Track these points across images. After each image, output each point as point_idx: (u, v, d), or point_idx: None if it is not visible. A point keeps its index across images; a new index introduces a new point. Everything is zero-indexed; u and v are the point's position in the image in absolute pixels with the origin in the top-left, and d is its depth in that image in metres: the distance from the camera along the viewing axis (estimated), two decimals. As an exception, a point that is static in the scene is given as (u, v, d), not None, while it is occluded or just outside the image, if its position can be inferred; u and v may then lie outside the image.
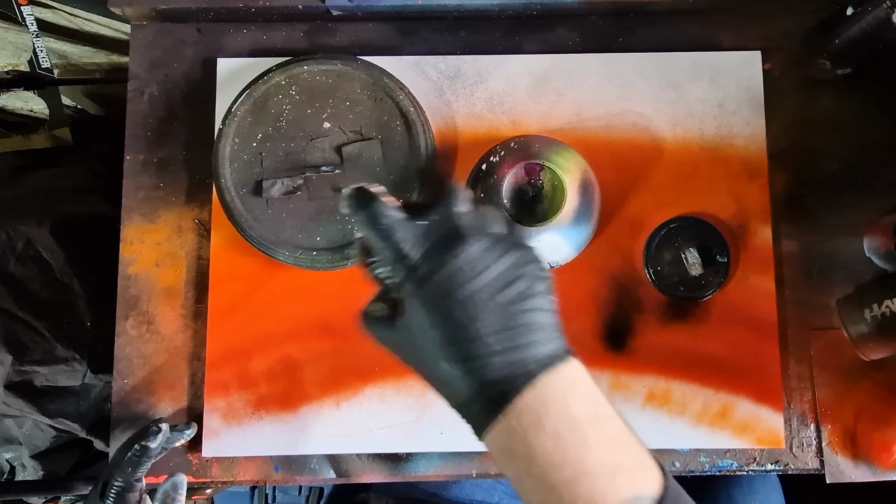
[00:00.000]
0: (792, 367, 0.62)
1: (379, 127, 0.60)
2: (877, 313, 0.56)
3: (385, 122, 0.60)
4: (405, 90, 0.61)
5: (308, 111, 0.61)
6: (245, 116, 0.60)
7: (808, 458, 0.62)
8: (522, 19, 0.66)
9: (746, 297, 0.62)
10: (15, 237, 0.73)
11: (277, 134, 0.61)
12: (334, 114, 0.61)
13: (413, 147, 0.60)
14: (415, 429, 0.61)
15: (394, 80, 0.61)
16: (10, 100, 0.90)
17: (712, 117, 0.64)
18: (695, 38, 0.66)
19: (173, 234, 0.64)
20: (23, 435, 0.76)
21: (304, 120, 0.61)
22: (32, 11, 0.77)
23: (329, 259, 0.60)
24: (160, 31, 0.66)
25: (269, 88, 0.61)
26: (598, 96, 0.64)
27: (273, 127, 0.61)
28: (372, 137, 0.60)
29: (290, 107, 0.61)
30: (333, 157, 0.61)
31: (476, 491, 0.76)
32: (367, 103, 0.61)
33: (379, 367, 0.62)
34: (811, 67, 0.61)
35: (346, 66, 0.61)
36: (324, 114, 0.61)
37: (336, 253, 0.60)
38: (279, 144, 0.60)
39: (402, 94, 0.60)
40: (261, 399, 0.62)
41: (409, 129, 0.60)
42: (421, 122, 0.60)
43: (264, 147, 0.60)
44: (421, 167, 0.59)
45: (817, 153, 0.62)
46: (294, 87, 0.61)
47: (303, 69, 0.61)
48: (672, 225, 0.62)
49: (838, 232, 0.63)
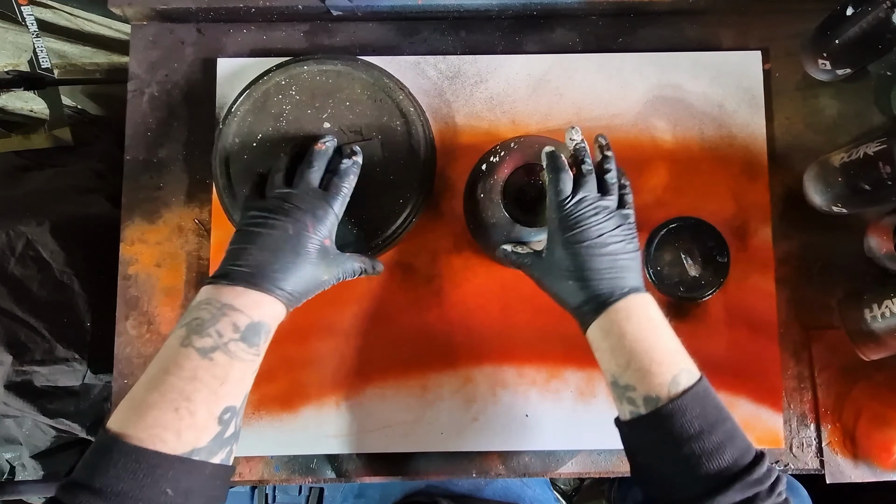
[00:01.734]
0: (792, 367, 0.62)
1: (379, 127, 0.60)
2: (877, 313, 0.56)
3: (385, 123, 0.60)
4: (405, 90, 0.61)
5: (308, 111, 0.61)
6: (245, 116, 0.60)
7: (808, 458, 0.62)
8: (522, 19, 0.66)
9: (746, 297, 0.62)
10: (15, 237, 0.73)
11: (277, 134, 0.60)
12: (334, 114, 0.60)
13: (413, 147, 0.60)
14: (415, 429, 0.61)
15: (394, 80, 0.61)
16: (10, 100, 0.90)
17: (712, 117, 0.64)
18: (695, 38, 0.66)
19: (173, 234, 0.64)
20: (23, 435, 0.76)
21: (305, 120, 0.61)
22: (32, 11, 0.77)
23: None
24: (160, 31, 0.66)
25: (269, 88, 0.61)
26: (598, 96, 0.64)
27: (273, 127, 0.60)
28: (372, 137, 0.60)
29: (290, 107, 0.61)
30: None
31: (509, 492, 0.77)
32: (367, 103, 0.61)
33: (379, 367, 0.62)
34: (811, 67, 0.61)
35: (346, 66, 0.61)
36: (324, 114, 0.61)
37: None
38: (279, 145, 0.60)
39: (401, 95, 0.60)
40: (261, 399, 0.62)
41: (409, 129, 0.60)
42: (421, 122, 0.60)
43: (265, 147, 0.60)
44: (421, 167, 0.59)
45: (817, 153, 0.62)
46: (294, 87, 0.61)
47: (303, 69, 0.61)
48: (672, 225, 0.62)
49: (838, 232, 0.63)
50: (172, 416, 0.39)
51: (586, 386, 0.61)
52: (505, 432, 0.61)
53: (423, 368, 0.62)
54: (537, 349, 0.62)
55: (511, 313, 0.62)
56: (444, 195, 0.64)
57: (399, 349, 0.62)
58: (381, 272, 0.58)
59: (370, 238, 0.58)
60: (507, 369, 0.62)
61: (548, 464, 0.62)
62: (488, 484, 0.75)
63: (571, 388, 0.62)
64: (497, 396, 0.62)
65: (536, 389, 0.62)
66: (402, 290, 0.63)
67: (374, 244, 0.58)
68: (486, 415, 0.61)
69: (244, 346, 0.43)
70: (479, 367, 0.62)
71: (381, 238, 0.58)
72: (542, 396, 0.62)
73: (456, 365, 0.62)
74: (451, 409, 0.61)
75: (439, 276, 0.63)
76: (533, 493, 0.78)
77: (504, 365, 0.62)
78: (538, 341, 0.62)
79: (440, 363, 0.62)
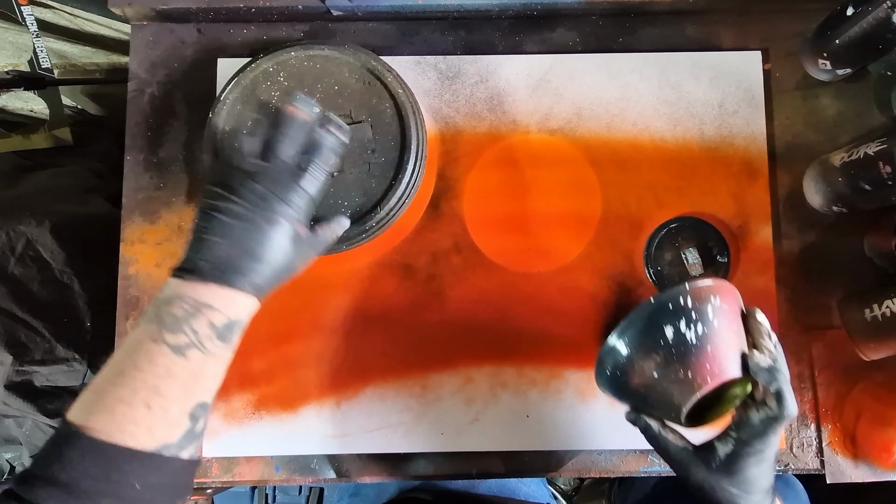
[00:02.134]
0: (792, 367, 0.62)
1: (369, 110, 0.59)
2: (877, 313, 0.56)
3: (374, 106, 0.59)
4: (393, 73, 0.60)
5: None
6: (234, 104, 0.60)
7: (808, 458, 0.62)
8: (522, 19, 0.66)
9: (746, 297, 0.62)
10: (15, 237, 0.73)
11: None
12: (323, 98, 0.59)
13: (404, 129, 0.59)
14: (415, 429, 0.61)
15: (382, 63, 0.60)
16: (10, 100, 0.90)
17: (712, 117, 0.64)
18: (695, 38, 0.66)
19: (173, 234, 0.64)
20: (23, 435, 0.76)
21: None
22: (32, 11, 0.77)
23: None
24: (160, 31, 0.66)
25: (258, 76, 0.60)
26: (598, 96, 0.64)
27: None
28: (362, 121, 0.59)
29: (280, 93, 0.60)
30: None
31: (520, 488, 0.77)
32: (356, 87, 0.60)
33: (379, 367, 0.62)
34: (811, 67, 0.61)
35: (334, 51, 0.60)
36: (312, 98, 0.60)
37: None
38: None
39: (390, 77, 0.59)
40: (261, 399, 0.62)
41: (399, 112, 0.59)
42: (410, 104, 0.59)
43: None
44: (412, 148, 0.58)
45: (817, 153, 0.62)
46: (282, 74, 0.60)
47: (290, 55, 0.60)
48: (672, 225, 0.62)
49: (838, 232, 0.63)
50: (144, 413, 0.39)
51: (587, 386, 0.61)
52: (505, 432, 0.61)
53: (423, 368, 0.62)
54: (537, 349, 0.62)
55: (511, 313, 0.62)
56: (444, 195, 0.64)
57: (399, 349, 0.62)
58: (347, 226, 0.53)
59: (363, 223, 0.57)
60: (507, 369, 0.62)
61: (548, 464, 0.62)
62: (483, 480, 0.75)
63: (572, 389, 0.62)
64: (497, 396, 0.62)
65: (536, 389, 0.62)
66: (402, 290, 0.63)
67: (368, 228, 0.57)
68: (486, 415, 0.61)
69: (220, 344, 0.43)
70: (479, 367, 0.62)
71: (374, 221, 0.57)
72: (543, 396, 0.62)
73: (456, 365, 0.62)
74: (451, 409, 0.61)
75: (439, 277, 0.63)
76: (528, 490, 0.78)
77: (504, 365, 0.62)
78: (538, 341, 0.62)
79: (440, 363, 0.62)
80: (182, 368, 0.41)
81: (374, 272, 0.63)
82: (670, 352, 0.45)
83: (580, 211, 0.63)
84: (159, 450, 0.39)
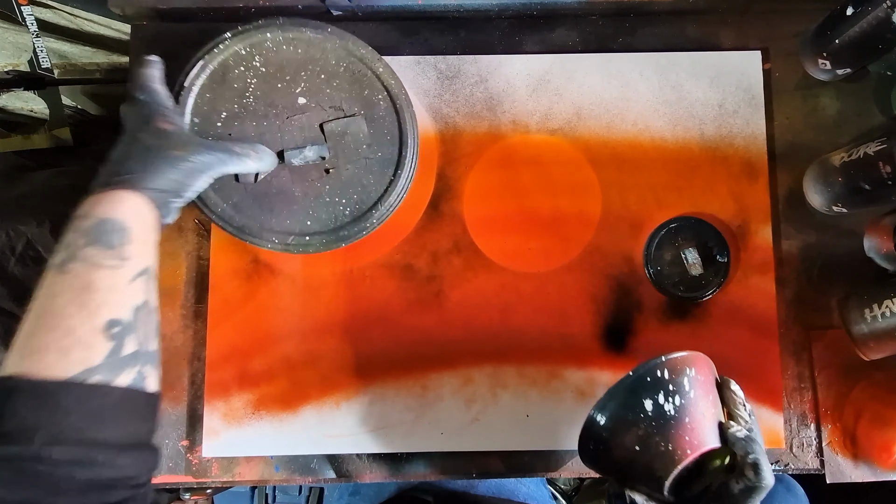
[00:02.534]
0: (792, 367, 0.62)
1: (361, 102, 0.56)
2: (877, 313, 0.56)
3: (367, 97, 0.56)
4: (383, 61, 0.56)
5: (279, 85, 0.55)
6: (203, 92, 0.55)
7: (808, 458, 0.62)
8: (522, 19, 0.66)
9: (746, 297, 0.62)
10: (15, 237, 0.73)
11: (245, 111, 0.55)
12: (309, 88, 0.55)
13: (400, 123, 0.56)
14: (415, 429, 0.61)
15: (370, 50, 0.56)
16: (10, 100, 0.90)
17: (712, 117, 0.64)
18: (695, 38, 0.66)
19: (173, 234, 0.64)
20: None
21: (275, 95, 0.55)
22: (32, 11, 0.77)
23: (323, 242, 0.56)
24: (160, 31, 0.66)
25: (227, 59, 0.55)
26: (597, 96, 0.64)
27: (239, 104, 0.55)
28: (355, 114, 0.56)
29: (257, 80, 0.55)
30: (316, 136, 0.56)
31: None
32: (345, 76, 0.56)
33: (379, 367, 0.62)
34: (811, 67, 0.61)
35: (317, 33, 0.55)
36: (297, 88, 0.55)
37: (330, 235, 0.56)
38: (249, 123, 0.55)
39: (381, 66, 0.56)
40: (261, 399, 0.62)
41: (393, 104, 0.56)
42: (404, 96, 0.56)
43: (231, 126, 0.55)
44: (408, 141, 0.57)
45: (817, 153, 0.62)
46: (258, 58, 0.55)
47: (265, 36, 0.55)
48: (672, 225, 0.62)
49: (838, 232, 0.63)
50: (51, 337, 0.38)
51: (587, 386, 0.61)
52: (505, 432, 0.61)
53: (423, 368, 0.62)
54: (538, 349, 0.62)
55: (511, 313, 0.62)
56: (444, 195, 0.64)
57: (399, 349, 0.62)
58: (275, 165, 0.55)
59: (363, 220, 0.57)
60: (507, 369, 0.62)
61: (548, 464, 0.62)
62: (482, 480, 0.75)
63: (572, 389, 0.62)
64: (497, 396, 0.62)
65: (537, 389, 0.62)
66: (402, 290, 0.63)
67: (368, 223, 0.57)
68: (487, 415, 0.61)
69: (99, 250, 0.41)
70: (479, 367, 0.62)
71: (374, 216, 0.57)
72: (543, 396, 0.62)
73: (456, 365, 0.62)
74: (451, 409, 0.61)
75: (439, 277, 0.63)
76: (527, 490, 0.78)
77: (504, 365, 0.62)
78: (538, 341, 0.62)
79: (440, 363, 0.62)
80: (67, 285, 0.40)
81: (374, 272, 0.63)
82: (651, 424, 0.46)
83: (580, 211, 0.63)
84: (82, 375, 0.37)
